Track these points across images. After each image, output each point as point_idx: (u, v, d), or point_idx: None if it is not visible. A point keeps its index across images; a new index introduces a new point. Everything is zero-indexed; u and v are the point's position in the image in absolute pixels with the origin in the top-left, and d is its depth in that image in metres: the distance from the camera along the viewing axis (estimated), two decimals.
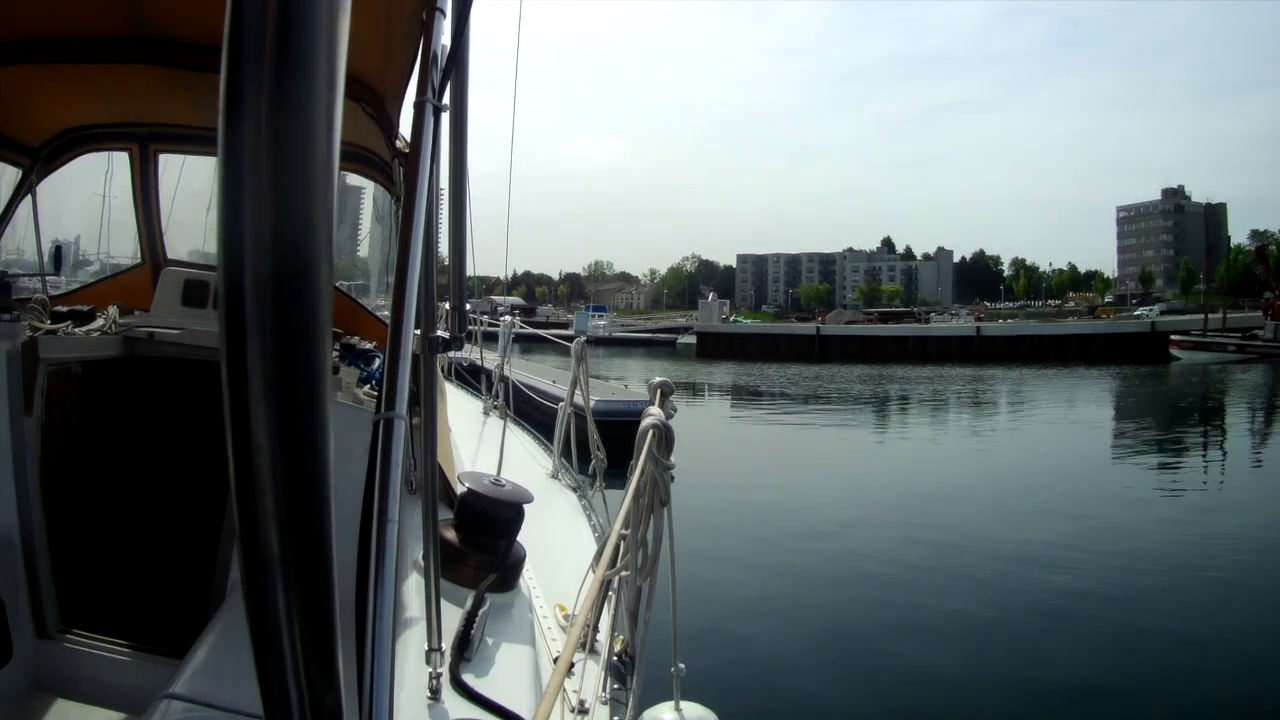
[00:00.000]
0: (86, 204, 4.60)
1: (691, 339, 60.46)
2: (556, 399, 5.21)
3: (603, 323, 70.58)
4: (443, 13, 1.49)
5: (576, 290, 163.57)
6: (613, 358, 46.55)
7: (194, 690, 1.82)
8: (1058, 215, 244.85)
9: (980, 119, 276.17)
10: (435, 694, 1.44)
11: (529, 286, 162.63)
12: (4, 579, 2.55)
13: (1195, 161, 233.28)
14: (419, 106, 1.40)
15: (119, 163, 4.00)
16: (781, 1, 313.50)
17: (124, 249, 4.51)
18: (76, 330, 3.08)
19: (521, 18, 2.68)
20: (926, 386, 30.07)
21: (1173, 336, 46.63)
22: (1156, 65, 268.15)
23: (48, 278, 3.77)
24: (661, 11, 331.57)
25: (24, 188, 3.54)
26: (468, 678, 1.50)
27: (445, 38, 1.49)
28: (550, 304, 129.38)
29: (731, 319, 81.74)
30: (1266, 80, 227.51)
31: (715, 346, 53.06)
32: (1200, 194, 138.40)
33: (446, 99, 1.49)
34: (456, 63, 1.49)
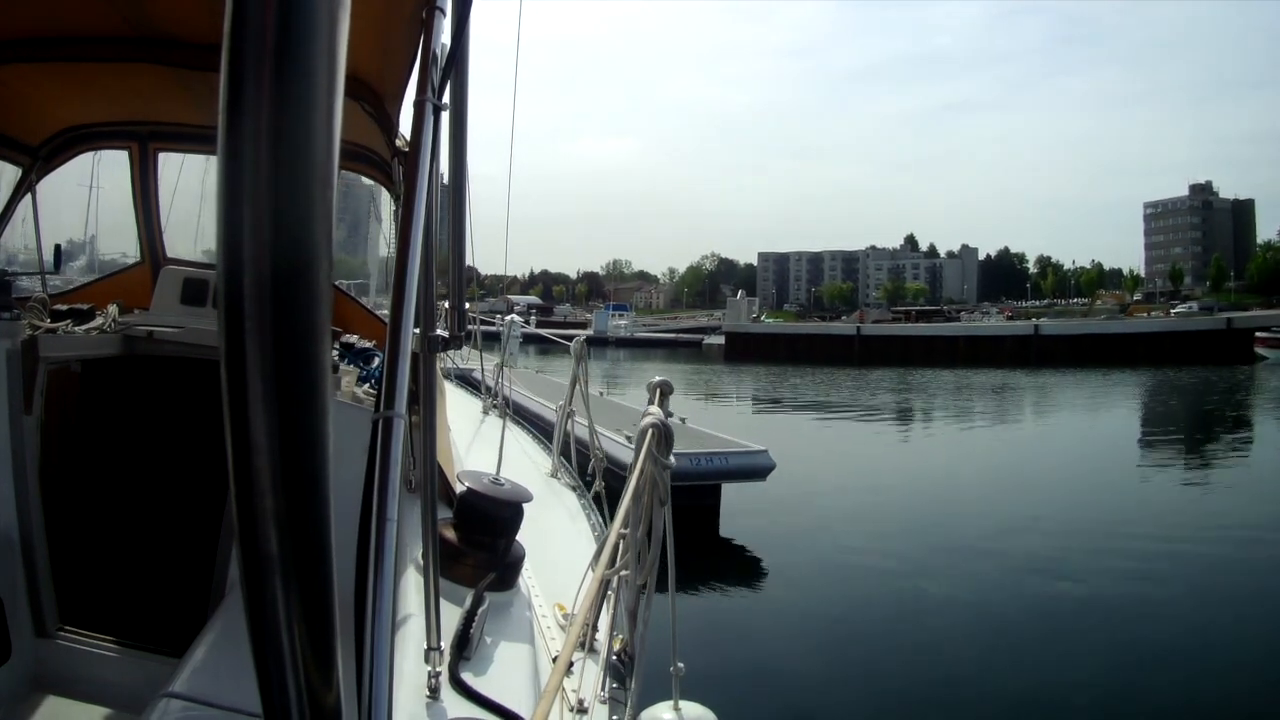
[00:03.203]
0: (86, 203, 4.60)
1: (719, 340, 56.93)
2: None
3: (624, 322, 67.55)
4: (443, 12, 1.49)
5: (595, 289, 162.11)
6: (634, 360, 43.95)
7: (193, 689, 1.82)
8: (1073, 212, 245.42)
9: (986, 117, 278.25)
10: (434, 693, 1.44)
11: (546, 286, 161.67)
12: (3, 578, 2.55)
13: (1200, 159, 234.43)
14: (419, 105, 1.40)
15: (119, 161, 4.00)
16: (782, 3, 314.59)
17: (123, 247, 4.51)
18: (76, 329, 3.08)
19: (524, 18, 2.67)
20: (995, 396, 27.41)
21: (1258, 334, 43.84)
22: (1158, 63, 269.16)
23: (47, 276, 3.77)
24: (665, 12, 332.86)
25: (24, 186, 3.54)
26: (467, 676, 1.50)
27: (445, 37, 1.49)
28: (568, 303, 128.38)
29: (761, 318, 78.29)
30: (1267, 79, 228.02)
31: (745, 348, 49.95)
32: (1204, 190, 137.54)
33: (446, 98, 1.49)
34: (456, 62, 1.49)
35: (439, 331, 1.69)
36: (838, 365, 40.59)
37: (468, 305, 1.99)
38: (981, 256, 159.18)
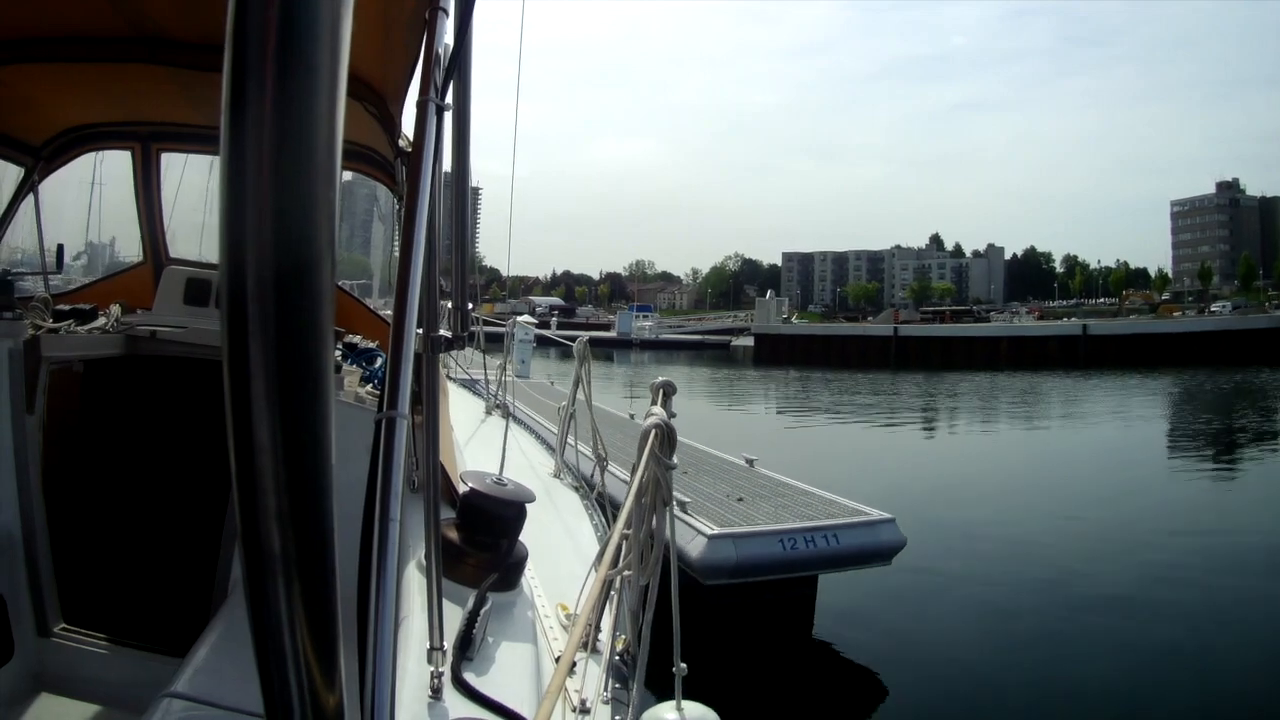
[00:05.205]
0: (89, 203, 4.62)
1: (747, 341, 54.55)
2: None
3: (648, 324, 65.07)
4: (445, 12, 1.49)
5: (617, 290, 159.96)
6: (659, 364, 41.98)
7: (195, 689, 1.82)
8: (1096, 210, 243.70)
9: (1003, 116, 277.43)
10: (437, 693, 1.44)
11: (568, 287, 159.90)
12: (6, 577, 2.56)
13: (1221, 157, 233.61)
14: (421, 106, 1.40)
15: (121, 162, 4.01)
16: (791, 5, 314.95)
17: (126, 248, 4.52)
18: (78, 329, 3.08)
19: (542, 22, 2.68)
20: (1081, 405, 24.94)
21: None
22: (1171, 61, 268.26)
23: (50, 276, 3.77)
24: (678, 13, 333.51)
25: (26, 186, 3.54)
26: (469, 677, 1.50)
27: (448, 37, 1.49)
28: (590, 304, 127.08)
29: (793, 319, 75.67)
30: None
31: (775, 350, 48.15)
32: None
33: (449, 98, 1.49)
34: (459, 62, 1.49)
35: (442, 332, 1.69)
36: (874, 368, 38.28)
37: (471, 306, 1.99)
38: (1008, 256, 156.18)
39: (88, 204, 4.61)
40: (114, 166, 4.06)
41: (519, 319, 6.28)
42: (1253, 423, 21.42)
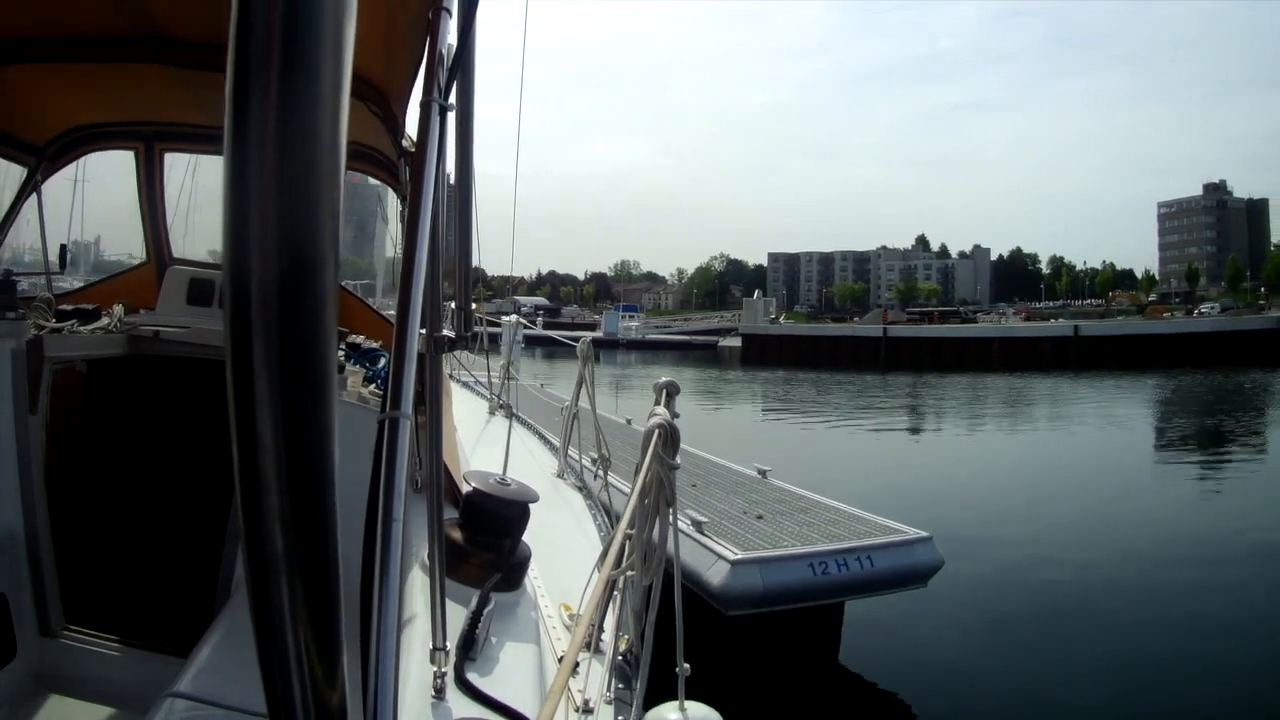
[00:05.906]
0: (92, 203, 4.63)
1: (734, 342, 54.54)
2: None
3: (634, 324, 64.62)
4: (449, 12, 1.49)
5: (602, 290, 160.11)
6: (645, 364, 41.39)
7: (198, 688, 1.82)
8: (1085, 212, 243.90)
9: (994, 118, 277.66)
10: (440, 693, 1.44)
11: (553, 287, 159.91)
12: (8, 576, 2.56)
13: (1213, 158, 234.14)
14: (425, 106, 1.41)
15: (124, 161, 4.01)
16: (783, 6, 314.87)
17: (129, 248, 4.53)
18: (81, 329, 3.09)
19: (532, 23, 2.68)
20: (1108, 408, 23.63)
21: None
22: (1165, 63, 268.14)
23: (53, 276, 3.78)
24: (671, 14, 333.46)
25: (29, 186, 3.55)
26: (472, 677, 1.50)
27: (451, 37, 1.50)
28: (575, 304, 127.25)
29: (781, 319, 75.63)
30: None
31: (763, 351, 48.19)
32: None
33: (453, 99, 1.50)
34: (462, 62, 1.50)
35: (445, 332, 1.69)
36: (863, 369, 37.90)
37: (473, 306, 1.99)
38: (994, 257, 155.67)
39: (91, 204, 4.63)
40: (117, 166, 4.07)
41: (515, 319, 6.25)
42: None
